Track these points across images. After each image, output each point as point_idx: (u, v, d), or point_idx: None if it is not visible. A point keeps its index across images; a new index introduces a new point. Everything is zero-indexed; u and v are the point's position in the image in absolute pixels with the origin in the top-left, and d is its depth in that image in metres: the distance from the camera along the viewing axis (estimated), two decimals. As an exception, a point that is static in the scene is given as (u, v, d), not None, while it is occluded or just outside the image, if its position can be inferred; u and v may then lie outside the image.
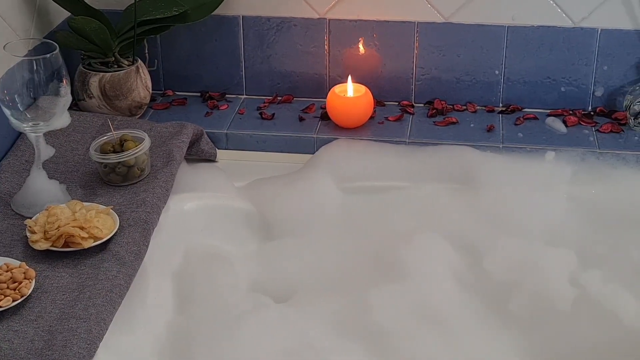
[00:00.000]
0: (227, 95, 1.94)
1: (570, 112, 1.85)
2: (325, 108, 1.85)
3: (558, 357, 1.37)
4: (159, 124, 1.74)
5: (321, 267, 1.52)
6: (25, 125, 1.43)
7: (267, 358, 1.33)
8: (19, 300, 1.26)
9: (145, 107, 1.85)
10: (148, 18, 1.76)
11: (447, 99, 1.89)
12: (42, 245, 1.37)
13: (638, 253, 1.53)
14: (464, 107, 1.88)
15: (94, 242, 1.38)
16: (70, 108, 1.50)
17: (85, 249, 1.37)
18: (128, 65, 1.79)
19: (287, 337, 1.37)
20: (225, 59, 1.92)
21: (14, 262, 1.32)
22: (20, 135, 1.64)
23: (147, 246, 1.42)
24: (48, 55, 1.40)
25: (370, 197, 1.66)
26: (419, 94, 1.90)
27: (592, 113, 1.85)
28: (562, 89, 1.85)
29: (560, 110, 1.86)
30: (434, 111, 1.86)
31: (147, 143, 1.57)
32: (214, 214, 1.59)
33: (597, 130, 1.79)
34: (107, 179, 1.56)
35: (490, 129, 1.80)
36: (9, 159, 1.60)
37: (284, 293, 1.47)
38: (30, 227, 1.39)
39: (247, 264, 1.54)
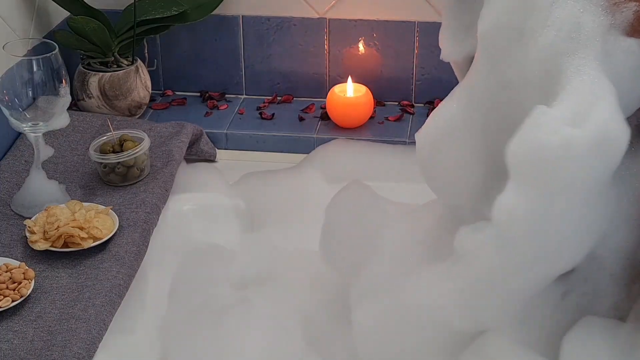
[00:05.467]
0: (226, 95, 1.94)
1: (571, 112, 1.85)
2: (325, 108, 1.85)
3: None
4: (159, 124, 1.74)
5: (320, 266, 1.52)
6: (24, 126, 1.43)
7: (270, 358, 1.32)
8: (19, 301, 1.26)
9: (145, 107, 1.85)
10: (147, 18, 1.76)
11: (447, 99, 1.89)
12: (42, 246, 1.37)
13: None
14: (464, 107, 1.88)
15: (93, 242, 1.37)
16: (69, 108, 1.50)
17: (84, 249, 1.37)
18: (127, 65, 1.79)
19: (288, 334, 1.36)
20: (225, 59, 1.92)
21: (13, 263, 1.32)
22: (19, 135, 1.64)
23: (146, 246, 1.42)
24: (47, 55, 1.40)
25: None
26: (419, 94, 1.90)
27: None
28: (562, 88, 1.85)
29: (560, 110, 1.85)
30: (434, 111, 1.86)
31: (146, 143, 1.57)
32: (213, 214, 1.59)
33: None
34: (107, 179, 1.55)
35: (490, 129, 1.80)
36: (9, 159, 1.60)
37: (287, 293, 1.47)
38: (29, 227, 1.39)
39: (248, 263, 1.53)
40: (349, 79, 1.82)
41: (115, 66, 1.78)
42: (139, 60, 1.81)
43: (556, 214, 1.03)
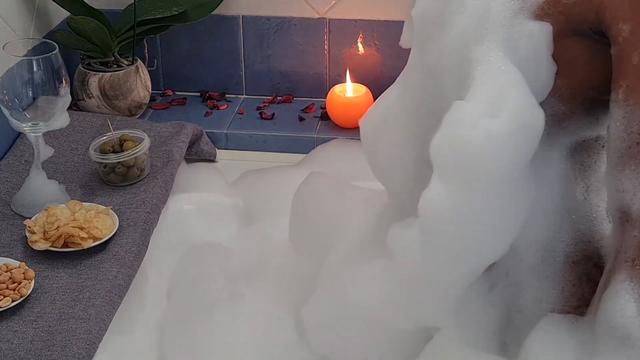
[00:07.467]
0: (226, 95, 1.94)
1: (571, 112, 1.85)
2: (325, 108, 1.85)
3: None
4: (159, 124, 1.74)
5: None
6: (24, 125, 1.43)
7: (270, 358, 1.32)
8: (19, 301, 1.26)
9: (145, 107, 1.85)
10: (147, 18, 1.76)
11: (447, 98, 1.89)
12: (42, 246, 1.37)
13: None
14: (464, 107, 1.88)
15: (93, 242, 1.38)
16: (69, 108, 1.50)
17: (84, 249, 1.37)
18: (127, 65, 1.79)
19: (288, 332, 1.36)
20: (225, 58, 1.92)
21: (13, 263, 1.32)
22: (19, 135, 1.64)
23: (146, 246, 1.42)
24: (47, 55, 1.40)
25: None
26: (419, 94, 1.90)
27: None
28: (562, 88, 1.85)
29: (560, 110, 1.85)
30: (434, 111, 1.86)
31: (146, 143, 1.57)
32: (213, 213, 1.59)
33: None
34: (107, 179, 1.55)
35: (490, 129, 1.80)
36: (9, 159, 1.60)
37: (288, 292, 1.47)
38: (29, 227, 1.39)
39: (248, 263, 1.53)
40: (349, 78, 1.82)
41: (115, 66, 1.78)
42: (139, 60, 1.81)
43: (480, 206, 1.03)
